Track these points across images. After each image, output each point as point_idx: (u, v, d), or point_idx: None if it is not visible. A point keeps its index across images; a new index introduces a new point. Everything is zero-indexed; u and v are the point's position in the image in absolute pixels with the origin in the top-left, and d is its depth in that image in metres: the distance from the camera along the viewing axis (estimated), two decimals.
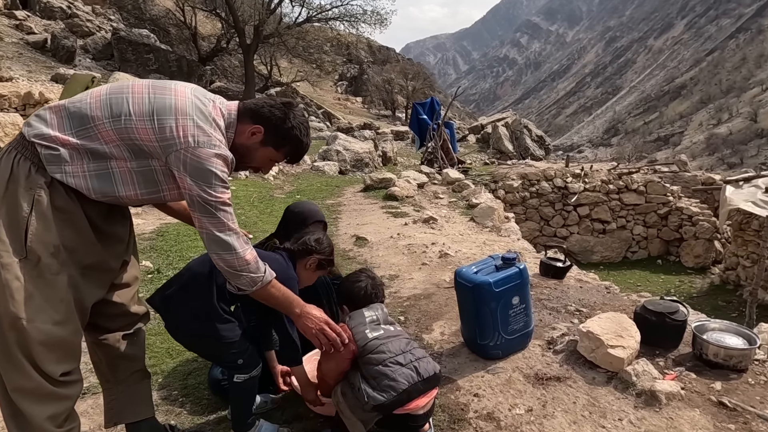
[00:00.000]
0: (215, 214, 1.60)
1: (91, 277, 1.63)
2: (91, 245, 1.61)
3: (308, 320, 1.82)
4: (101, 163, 1.56)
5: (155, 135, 1.55)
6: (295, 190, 8.49)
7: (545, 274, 3.81)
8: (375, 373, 1.85)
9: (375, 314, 2.01)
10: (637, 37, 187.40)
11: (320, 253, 2.12)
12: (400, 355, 1.88)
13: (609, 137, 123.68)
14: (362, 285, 2.10)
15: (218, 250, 1.63)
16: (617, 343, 2.37)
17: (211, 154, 1.58)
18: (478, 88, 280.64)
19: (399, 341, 1.94)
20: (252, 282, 1.69)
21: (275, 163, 1.88)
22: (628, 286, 10.25)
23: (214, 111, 1.66)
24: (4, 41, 16.04)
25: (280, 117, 1.75)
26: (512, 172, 11.62)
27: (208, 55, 25.01)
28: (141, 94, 1.59)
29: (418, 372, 1.86)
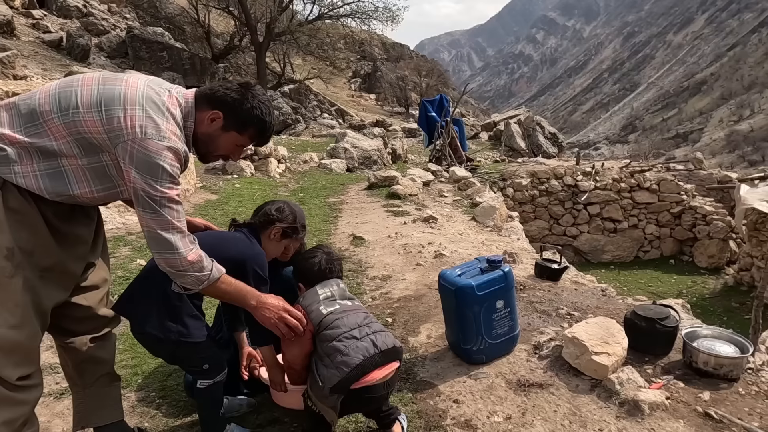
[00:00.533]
0: (159, 211, 1.53)
1: (50, 279, 1.60)
2: (49, 247, 1.57)
3: (265, 310, 1.76)
4: (52, 162, 1.52)
5: (103, 126, 1.50)
6: (299, 188, 8.48)
7: (540, 275, 3.73)
8: (329, 350, 1.78)
9: (329, 290, 1.94)
10: (656, 32, 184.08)
11: (282, 221, 2.05)
12: (356, 329, 1.81)
13: (626, 134, 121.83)
14: (316, 260, 2.02)
15: (159, 249, 1.57)
16: (602, 349, 2.30)
17: (161, 146, 1.52)
18: (492, 85, 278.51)
19: (356, 315, 1.87)
20: (197, 281, 1.63)
21: (243, 148, 1.81)
22: (639, 287, 10.09)
23: (169, 100, 1.60)
24: (21, 40, 16.30)
25: (237, 99, 1.68)
26: (522, 170, 11.48)
27: (222, 53, 25.14)
28: (90, 86, 1.54)
29: (375, 345, 1.79)
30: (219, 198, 7.10)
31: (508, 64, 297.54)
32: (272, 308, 1.76)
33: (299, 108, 22.48)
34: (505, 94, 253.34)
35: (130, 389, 2.48)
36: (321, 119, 23.15)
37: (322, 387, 1.74)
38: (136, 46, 19.68)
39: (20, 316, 1.51)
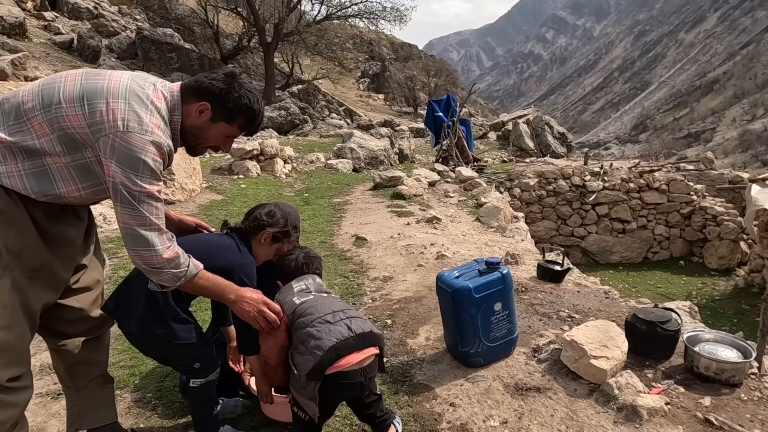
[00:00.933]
0: (138, 207, 1.51)
1: (38, 280, 1.59)
2: (37, 248, 1.57)
3: (244, 303, 1.73)
4: (36, 161, 1.50)
5: (85, 120, 1.48)
6: (305, 188, 8.48)
7: (542, 277, 3.69)
8: (303, 337, 1.76)
9: (305, 284, 1.94)
10: (667, 30, 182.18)
11: (273, 226, 2.04)
12: (329, 314, 1.79)
13: (637, 134, 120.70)
14: (293, 257, 2.03)
15: (135, 246, 1.54)
16: (601, 353, 2.26)
17: (144, 141, 1.50)
18: (501, 85, 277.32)
19: (330, 303, 1.85)
20: (174, 278, 1.60)
21: (233, 139, 1.78)
22: (648, 288, 9.98)
23: (153, 94, 1.58)
24: (32, 41, 16.49)
25: (224, 88, 1.65)
26: (529, 170, 11.40)
27: (230, 54, 25.26)
28: (72, 82, 1.53)
29: (350, 328, 1.76)
30: (224, 198, 7.12)
31: (517, 63, 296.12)
32: (251, 301, 1.74)
33: (307, 108, 22.52)
34: (515, 94, 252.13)
35: (126, 390, 2.49)
36: (329, 119, 23.18)
37: (299, 376, 1.71)
38: (146, 47, 19.84)
39: (8, 317, 1.51)
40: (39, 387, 2.48)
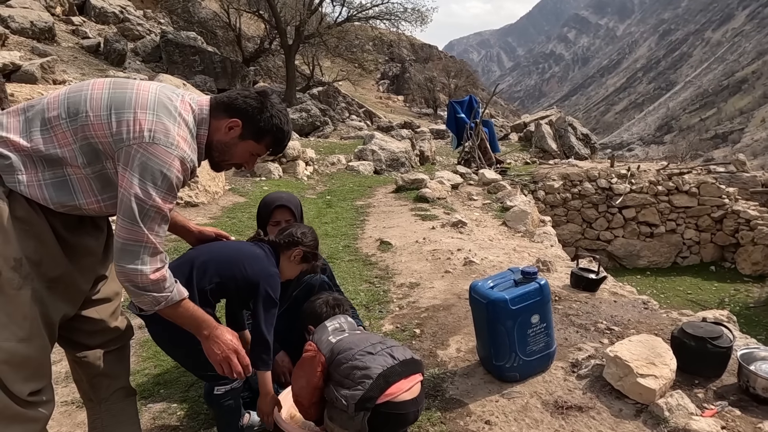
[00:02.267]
0: (139, 223, 1.44)
1: (57, 291, 1.54)
2: (57, 258, 1.52)
3: (216, 345, 1.65)
4: (57, 171, 1.46)
5: (110, 130, 1.44)
6: (327, 191, 8.43)
7: (576, 285, 3.54)
8: (347, 371, 1.71)
9: (338, 323, 1.92)
10: (693, 29, 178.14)
11: (305, 246, 2.06)
12: (369, 347, 1.76)
13: (662, 135, 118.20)
14: (321, 301, 2.04)
15: (123, 262, 1.46)
16: (648, 371, 2.12)
17: (170, 154, 1.45)
18: (522, 85, 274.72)
19: (367, 337, 1.83)
20: (154, 302, 1.53)
21: (258, 157, 1.75)
22: (678, 294, 9.69)
23: (182, 106, 1.55)
24: (61, 45, 16.83)
25: (256, 107, 1.63)
26: (553, 172, 11.18)
27: (252, 56, 25.45)
28: (100, 90, 1.49)
29: (393, 356, 1.74)
30: (247, 200, 7.11)
31: (538, 63, 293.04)
32: (223, 345, 1.66)
33: (327, 110, 22.55)
34: (536, 95, 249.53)
35: (152, 400, 2.44)
36: (349, 121, 23.18)
37: (346, 406, 1.66)
38: (170, 50, 20.09)
39: (29, 328, 1.45)
40: (64, 395, 2.44)
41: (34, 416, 1.48)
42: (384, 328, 3.11)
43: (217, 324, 1.68)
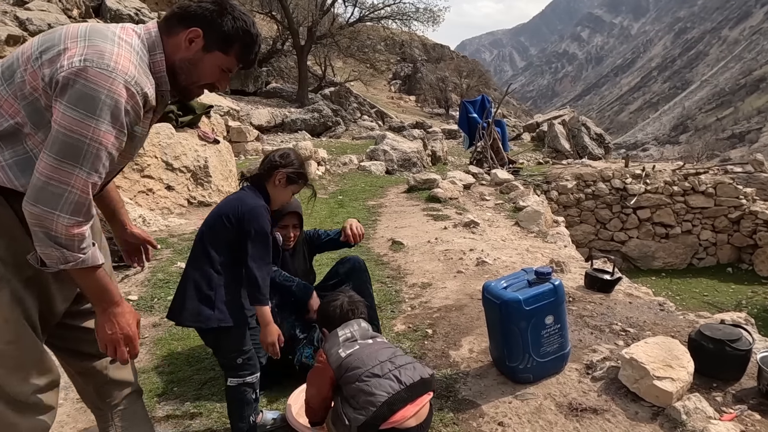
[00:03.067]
0: (73, 160, 1.22)
1: (35, 288, 1.44)
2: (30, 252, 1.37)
3: (109, 323, 1.41)
4: (17, 147, 1.31)
5: (41, 73, 1.25)
6: (338, 191, 8.44)
7: (591, 286, 3.50)
8: (353, 392, 1.71)
9: (350, 331, 1.88)
10: (709, 27, 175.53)
11: (286, 167, 2.02)
12: (377, 366, 1.73)
13: (677, 134, 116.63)
14: (337, 303, 1.99)
15: (41, 204, 1.23)
16: (665, 374, 2.09)
17: (107, 78, 1.24)
18: (535, 85, 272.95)
19: (377, 352, 1.79)
20: (62, 259, 1.29)
21: (229, 74, 1.53)
22: (694, 296, 9.55)
23: (122, 31, 1.36)
24: None
25: (215, 10, 1.43)
26: (567, 173, 11.09)
27: (264, 57, 25.57)
28: (30, 42, 1.34)
29: (399, 380, 1.70)
30: None
31: (551, 63, 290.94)
32: (117, 326, 1.42)
33: (339, 110, 22.57)
34: (548, 94, 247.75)
35: (165, 398, 2.45)
36: (361, 121, 23.18)
37: (349, 426, 1.68)
38: None
39: (14, 331, 1.39)
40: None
41: (41, 423, 1.45)
42: (396, 329, 3.10)
43: (121, 301, 1.44)
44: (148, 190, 5.94)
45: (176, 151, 6.34)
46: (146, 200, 5.86)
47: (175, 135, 6.41)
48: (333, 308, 1.99)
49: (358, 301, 2.05)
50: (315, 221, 6.15)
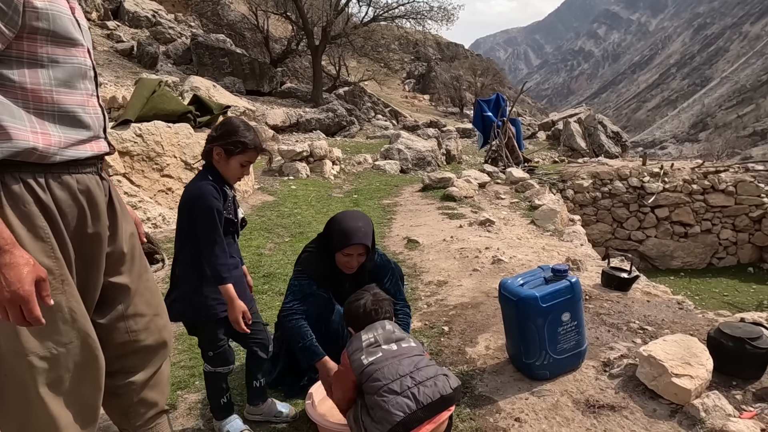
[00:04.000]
0: None
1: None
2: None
3: (3, 271, 1.13)
4: None
5: None
6: (353, 190, 8.49)
7: (608, 285, 3.49)
8: (372, 404, 1.72)
9: (374, 335, 1.86)
10: (730, 23, 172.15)
11: (217, 141, 1.92)
12: (396, 382, 1.71)
13: (696, 132, 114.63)
14: (361, 302, 1.97)
15: None
16: (683, 371, 2.08)
17: None
18: (550, 83, 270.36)
19: (398, 364, 1.77)
20: None
21: None
22: (713, 296, 9.40)
23: None
24: (97, 50, 17.38)
25: None
26: (583, 171, 10.99)
27: (279, 57, 25.76)
28: None
29: (416, 399, 1.68)
30: (276, 199, 7.22)
31: (567, 61, 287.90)
32: (3, 280, 1.13)
33: (353, 110, 22.65)
34: (564, 92, 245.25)
35: (188, 390, 2.51)
36: (375, 120, 23.23)
37: None
38: (200, 52, 20.49)
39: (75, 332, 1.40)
40: None
41: None
42: (412, 326, 3.12)
43: (12, 249, 1.15)
44: (167, 189, 6.03)
45: (194, 151, 6.43)
46: (165, 199, 5.95)
47: (193, 135, 6.50)
48: (357, 307, 1.97)
49: (383, 299, 2.01)
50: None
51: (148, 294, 1.62)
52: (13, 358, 1.28)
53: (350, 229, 2.24)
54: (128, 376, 1.59)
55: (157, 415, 1.71)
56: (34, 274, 1.17)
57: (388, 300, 2.04)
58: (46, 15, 1.26)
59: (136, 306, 1.57)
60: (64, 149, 1.33)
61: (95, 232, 1.43)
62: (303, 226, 5.80)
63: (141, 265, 1.61)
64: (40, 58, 1.28)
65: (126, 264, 1.55)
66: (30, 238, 1.26)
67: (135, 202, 5.24)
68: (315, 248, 2.39)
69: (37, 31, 1.25)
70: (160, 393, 1.70)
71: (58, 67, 1.32)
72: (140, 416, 1.65)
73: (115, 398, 1.60)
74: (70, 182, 1.35)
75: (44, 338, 1.30)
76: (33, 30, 1.25)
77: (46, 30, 1.27)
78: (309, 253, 2.40)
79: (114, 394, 1.58)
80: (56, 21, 1.29)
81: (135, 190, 5.42)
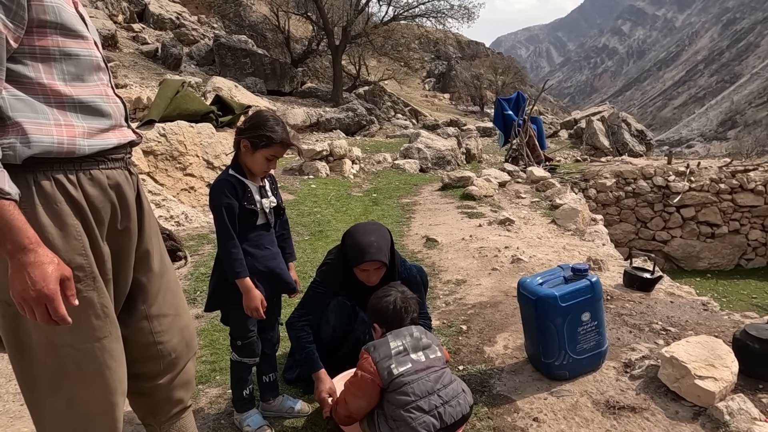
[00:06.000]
0: None
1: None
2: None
3: (21, 273, 1.13)
4: None
5: None
6: (373, 188, 8.51)
7: (630, 285, 3.43)
8: (396, 416, 1.74)
9: (402, 342, 1.85)
10: (761, 17, 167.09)
11: (244, 133, 1.94)
12: (424, 399, 1.75)
13: (725, 130, 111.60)
14: (390, 299, 1.95)
15: None
16: (707, 373, 2.04)
17: None
18: (573, 81, 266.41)
19: (427, 379, 1.79)
20: None
21: None
22: (741, 298, 9.16)
23: None
24: (122, 51, 17.78)
25: None
26: (606, 170, 10.81)
27: (300, 57, 25.95)
28: None
29: (441, 419, 1.74)
30: (295, 198, 7.28)
31: (590, 58, 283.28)
32: (29, 279, 1.12)
33: (373, 109, 22.68)
34: (587, 90, 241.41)
35: (209, 385, 2.55)
36: (395, 120, 23.23)
37: None
38: (222, 53, 20.77)
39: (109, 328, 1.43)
40: None
41: None
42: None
43: (36, 247, 1.15)
44: (189, 187, 6.15)
45: (216, 150, 6.53)
46: (188, 197, 6.06)
47: (215, 135, 6.60)
48: (386, 304, 1.95)
49: (411, 297, 2.00)
50: (350, 218, 6.24)
51: (170, 294, 1.61)
52: (46, 350, 1.31)
53: (363, 245, 2.21)
54: (154, 380, 1.59)
55: (182, 411, 1.72)
56: (59, 272, 1.17)
57: (415, 299, 2.02)
58: (51, 8, 1.26)
59: (160, 306, 1.56)
60: (90, 139, 1.34)
61: (125, 228, 1.45)
62: (323, 224, 5.84)
63: (163, 263, 1.62)
64: (52, 52, 1.29)
65: (149, 262, 1.55)
66: (61, 236, 1.27)
67: (159, 201, 5.35)
68: (334, 260, 2.42)
69: (45, 24, 1.26)
70: (185, 391, 1.70)
71: (70, 60, 1.33)
72: (166, 412, 1.67)
73: (141, 397, 1.62)
74: (100, 178, 1.37)
75: (78, 333, 1.32)
76: (41, 24, 1.26)
77: (54, 23, 1.27)
78: (328, 265, 2.44)
79: (140, 393, 1.60)
80: (61, 13, 1.29)
81: (159, 188, 5.53)
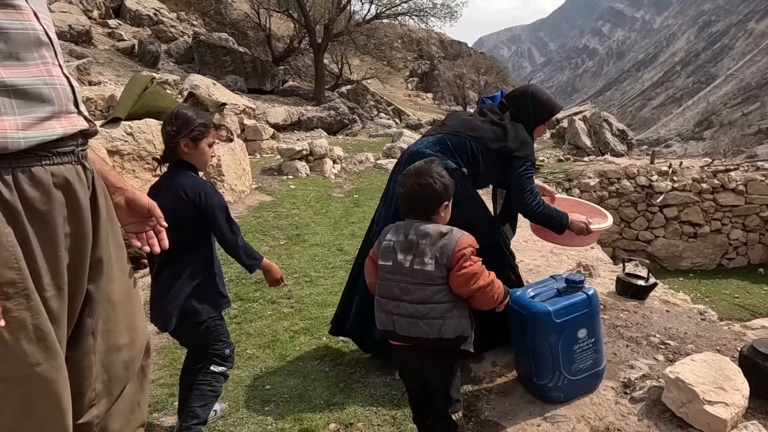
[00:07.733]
0: None
1: None
2: None
3: None
4: None
5: None
6: (354, 189, 8.26)
7: (623, 293, 3.25)
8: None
9: (395, 239, 1.76)
10: (735, 20, 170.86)
11: (181, 130, 1.85)
12: (386, 300, 1.75)
13: (701, 130, 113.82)
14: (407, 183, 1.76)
15: None
16: (717, 397, 1.85)
17: None
18: (554, 81, 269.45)
19: (396, 285, 1.73)
20: None
21: None
22: (724, 298, 9.17)
23: None
24: (97, 48, 17.24)
25: None
26: (589, 170, 10.76)
27: (282, 56, 25.57)
28: None
29: (393, 325, 1.74)
30: (273, 199, 7.00)
31: (571, 58, 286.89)
32: None
33: (356, 108, 22.42)
34: (568, 90, 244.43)
35: (165, 413, 2.30)
36: (378, 119, 23.00)
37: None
38: (202, 51, 20.31)
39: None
40: None
41: None
42: None
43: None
44: None
45: None
46: None
47: None
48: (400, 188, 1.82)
49: (424, 190, 1.80)
50: (330, 221, 5.99)
51: (121, 309, 1.36)
52: None
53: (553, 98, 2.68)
54: (81, 415, 1.31)
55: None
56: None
57: (436, 195, 1.72)
58: None
59: (106, 322, 1.32)
60: (27, 131, 1.09)
61: (75, 232, 1.20)
62: (300, 227, 5.58)
63: (120, 274, 1.36)
64: None
65: (100, 272, 1.30)
66: None
67: None
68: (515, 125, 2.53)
69: None
70: (126, 421, 1.43)
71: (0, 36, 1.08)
72: None
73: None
74: (42, 176, 1.12)
75: (4, 360, 1.08)
76: None
77: None
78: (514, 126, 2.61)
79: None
80: None
81: None
